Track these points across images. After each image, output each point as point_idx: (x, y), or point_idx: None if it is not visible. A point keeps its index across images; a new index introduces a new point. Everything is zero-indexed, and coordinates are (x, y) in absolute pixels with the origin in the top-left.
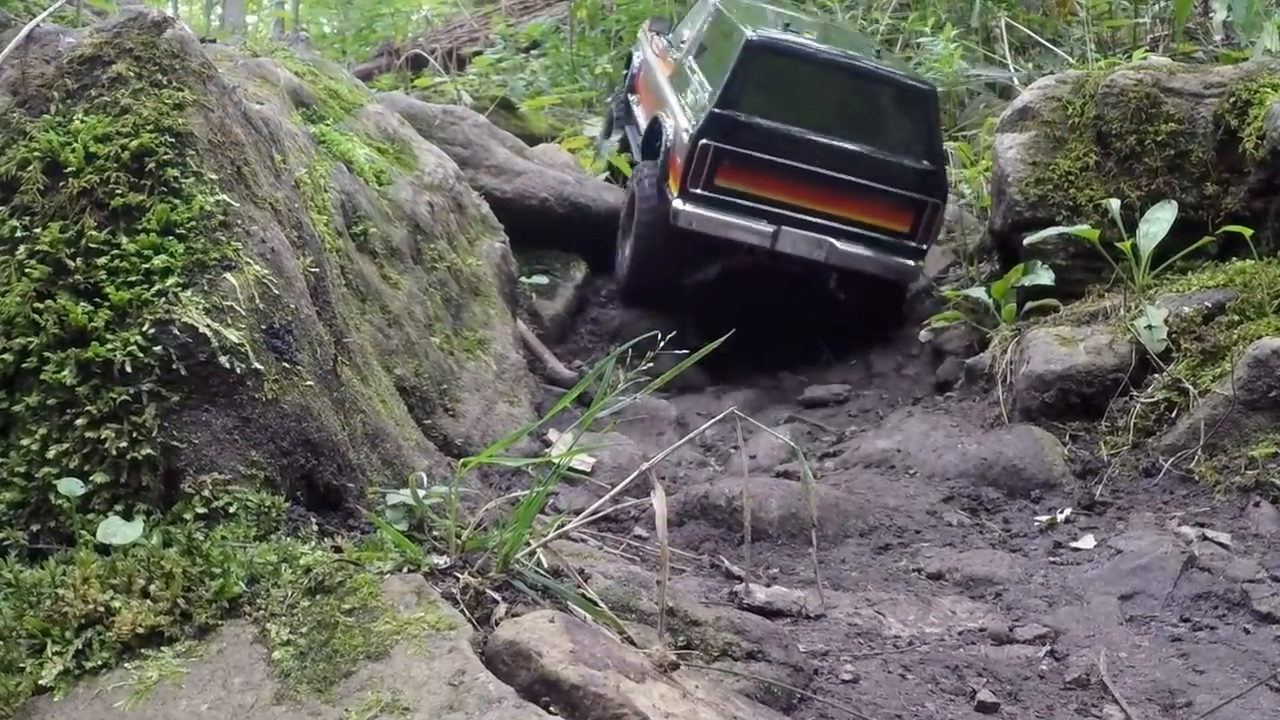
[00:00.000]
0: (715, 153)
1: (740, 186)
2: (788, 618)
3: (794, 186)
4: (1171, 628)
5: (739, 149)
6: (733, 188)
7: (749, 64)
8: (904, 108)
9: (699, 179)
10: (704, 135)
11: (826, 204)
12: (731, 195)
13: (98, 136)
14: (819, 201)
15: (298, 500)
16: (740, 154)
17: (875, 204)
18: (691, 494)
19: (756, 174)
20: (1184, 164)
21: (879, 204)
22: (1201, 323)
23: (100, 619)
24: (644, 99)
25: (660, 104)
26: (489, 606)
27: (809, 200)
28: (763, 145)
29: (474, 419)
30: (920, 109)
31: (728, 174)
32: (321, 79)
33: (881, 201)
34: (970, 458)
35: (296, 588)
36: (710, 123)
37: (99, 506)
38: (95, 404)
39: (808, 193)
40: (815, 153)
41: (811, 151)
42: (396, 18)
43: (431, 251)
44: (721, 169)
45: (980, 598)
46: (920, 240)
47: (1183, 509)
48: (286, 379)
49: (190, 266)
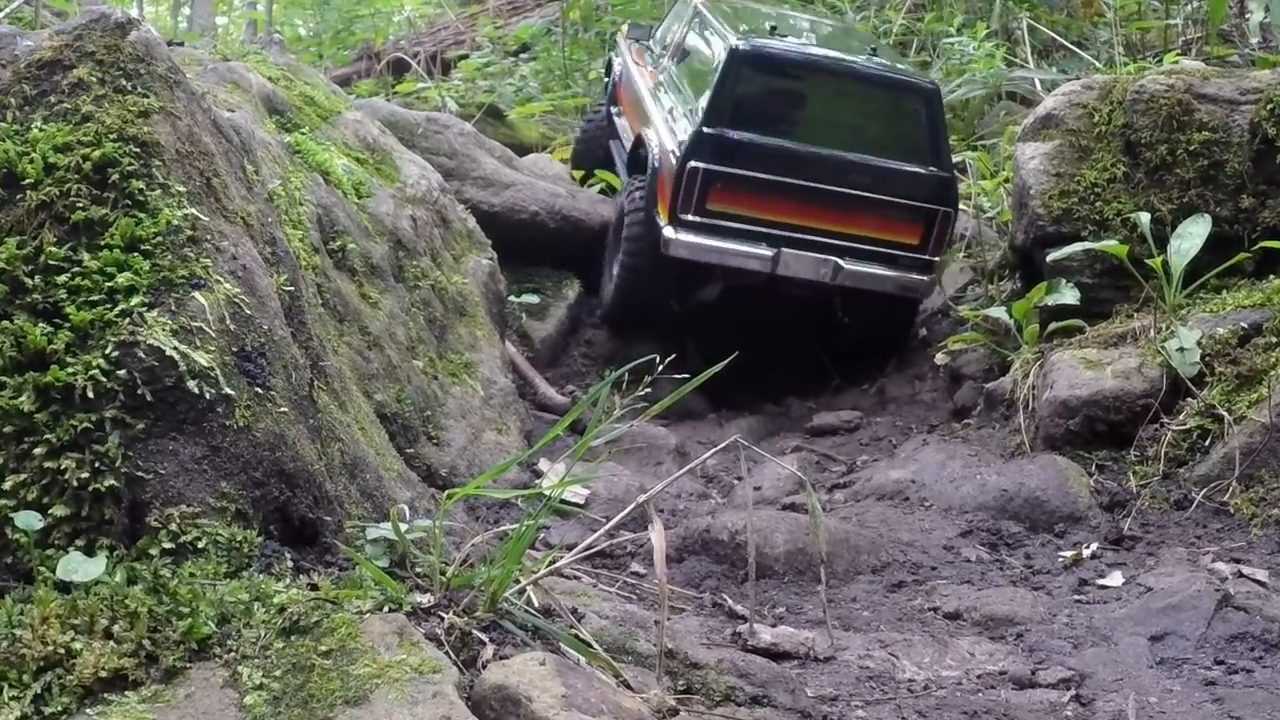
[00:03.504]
0: (705, 175)
1: (735, 209)
2: (795, 660)
3: (793, 205)
4: (1205, 671)
5: (731, 169)
6: (727, 211)
7: (735, 76)
8: (906, 110)
9: (690, 204)
10: (692, 157)
11: (829, 221)
12: (726, 219)
13: (57, 146)
14: (821, 219)
15: (271, 535)
16: (733, 175)
17: (882, 217)
18: (692, 528)
19: (752, 194)
20: (1218, 175)
21: (886, 217)
22: (1237, 345)
23: (60, 661)
24: (627, 113)
25: (644, 119)
26: (476, 648)
27: (810, 218)
28: (756, 163)
29: (459, 448)
30: (923, 110)
31: (721, 197)
32: (296, 84)
33: (888, 214)
34: (990, 489)
35: (270, 628)
36: (698, 143)
37: (59, 541)
38: (55, 432)
39: (808, 210)
40: (813, 167)
41: (809, 165)
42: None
43: (414, 269)
44: (713, 192)
45: (1000, 639)
46: (932, 252)
47: (1217, 544)
48: (259, 405)
49: (156, 285)
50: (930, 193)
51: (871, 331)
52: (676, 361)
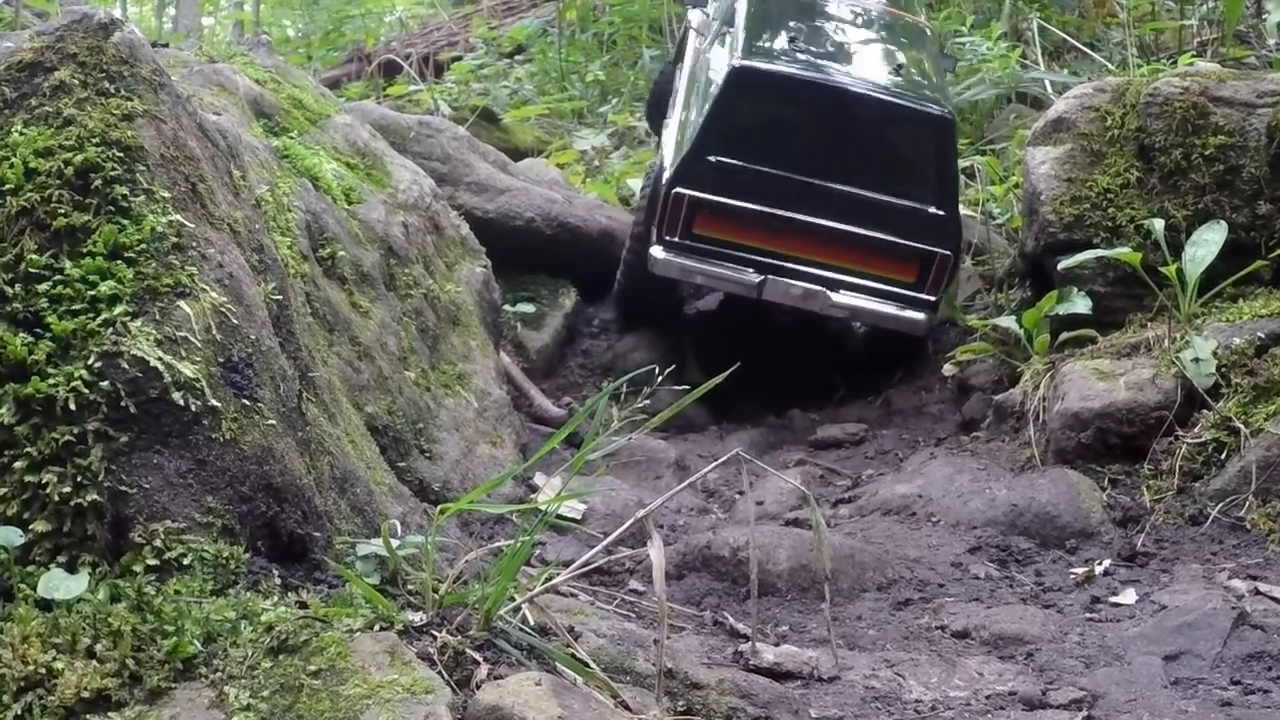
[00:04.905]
0: (691, 202)
1: (720, 235)
2: (798, 680)
3: (782, 236)
4: (1221, 691)
5: (717, 198)
6: (712, 236)
7: (733, 98)
8: (912, 141)
9: (675, 227)
10: (678, 183)
11: (819, 254)
12: (711, 244)
13: (38, 150)
14: (811, 251)
15: (259, 551)
16: (719, 203)
17: (875, 255)
18: (692, 544)
19: (739, 224)
20: (1235, 181)
21: (879, 255)
22: (1254, 355)
23: (41, 681)
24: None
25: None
26: (469, 668)
27: (799, 250)
28: (746, 193)
29: (453, 461)
30: (931, 142)
31: (706, 223)
32: (285, 87)
33: (882, 252)
34: (999, 504)
35: (257, 647)
36: (685, 168)
37: (40, 558)
38: (36, 445)
39: (797, 242)
40: (806, 199)
41: (802, 197)
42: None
43: (406, 277)
44: (700, 218)
45: (1010, 658)
46: (929, 291)
47: (1233, 560)
48: (246, 417)
49: (140, 294)
50: (928, 233)
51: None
52: (676, 372)
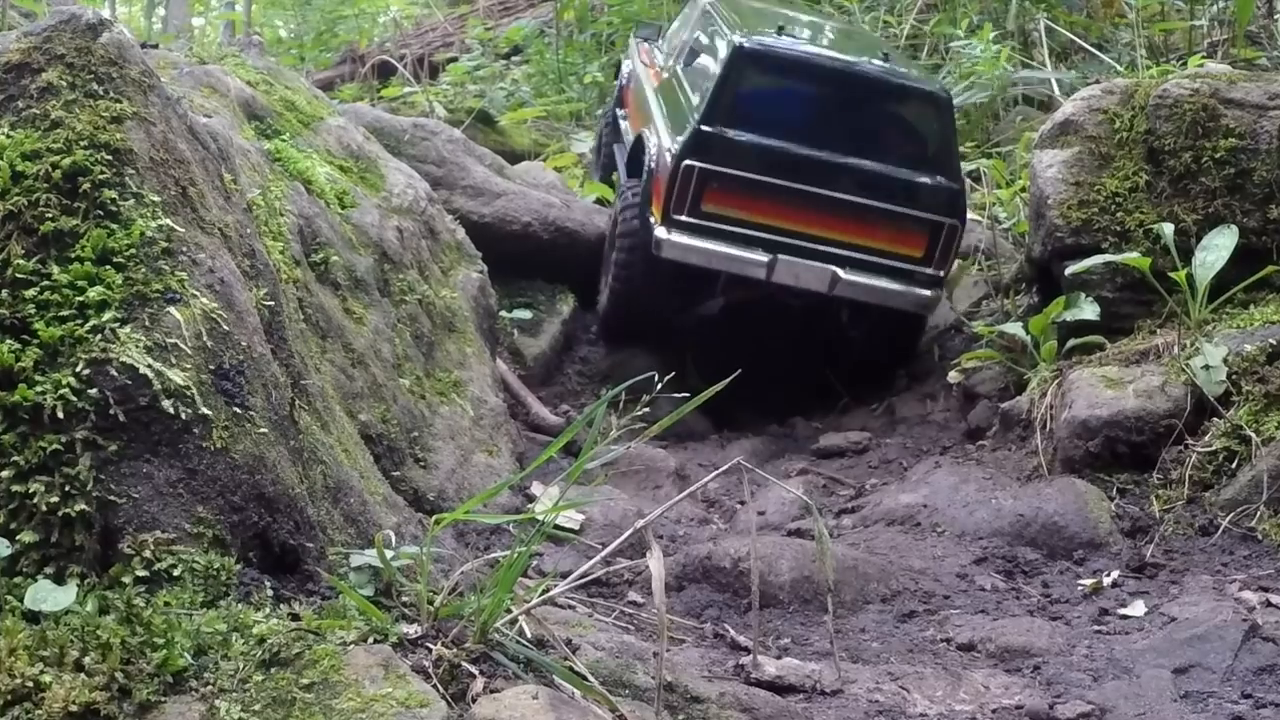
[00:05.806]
0: (701, 174)
1: (731, 211)
2: (801, 694)
3: (792, 210)
4: (1232, 705)
5: (728, 170)
6: (722, 213)
7: (738, 74)
8: (915, 117)
9: (684, 204)
10: (688, 155)
11: (829, 229)
12: (721, 221)
13: (25, 153)
14: (820, 226)
15: (250, 562)
16: (729, 175)
17: (884, 227)
18: (692, 555)
19: (748, 197)
20: (1245, 184)
21: (888, 227)
22: (1265, 362)
23: (28, 695)
24: (631, 114)
25: (646, 119)
26: (465, 681)
27: (809, 225)
28: (755, 164)
29: (448, 470)
30: (934, 117)
31: (716, 198)
32: (277, 89)
33: (891, 224)
34: (1005, 514)
35: (249, 660)
36: (695, 141)
37: (27, 569)
38: (23, 454)
39: (807, 217)
40: (815, 171)
41: (810, 170)
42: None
43: (400, 283)
44: (709, 192)
45: (1017, 671)
46: (937, 266)
47: (1244, 571)
48: (238, 426)
49: (130, 299)
50: (936, 203)
51: (875, 348)
52: (676, 379)
